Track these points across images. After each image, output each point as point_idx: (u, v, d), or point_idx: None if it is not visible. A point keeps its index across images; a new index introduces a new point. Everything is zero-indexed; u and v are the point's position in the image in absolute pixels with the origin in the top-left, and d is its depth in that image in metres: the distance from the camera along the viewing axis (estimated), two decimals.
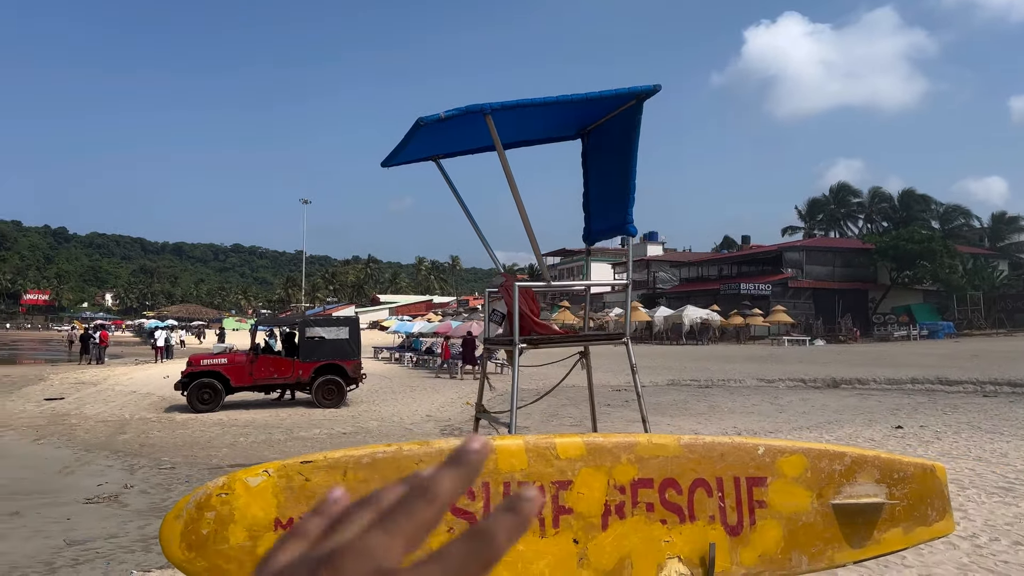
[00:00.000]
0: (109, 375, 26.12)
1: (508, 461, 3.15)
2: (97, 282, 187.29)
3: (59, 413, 16.60)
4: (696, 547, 3.30)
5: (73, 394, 20.22)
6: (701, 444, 3.44)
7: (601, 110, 3.86)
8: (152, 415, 16.32)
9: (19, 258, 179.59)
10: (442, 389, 22.06)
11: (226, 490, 2.88)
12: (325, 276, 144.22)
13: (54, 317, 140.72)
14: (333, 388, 17.36)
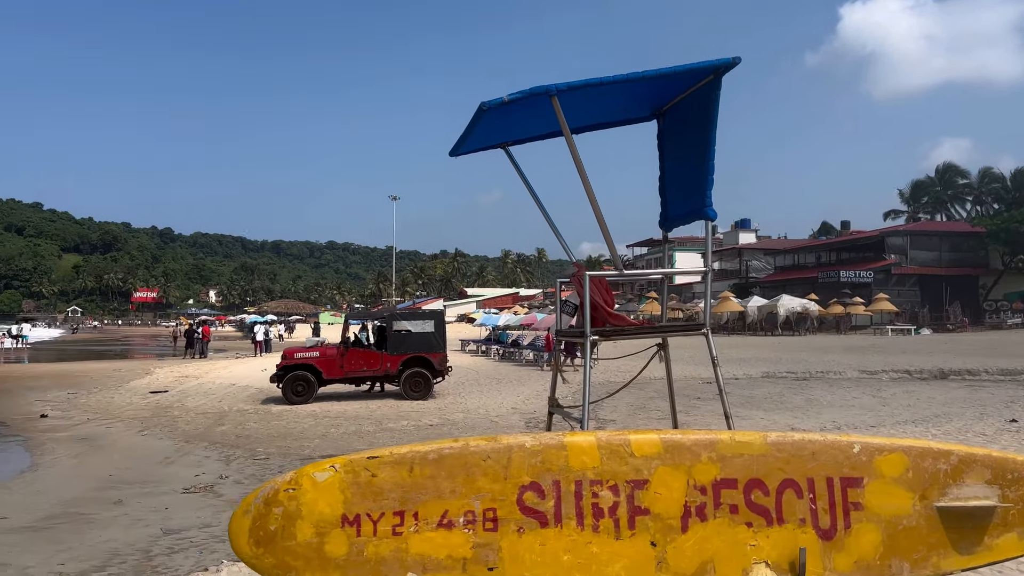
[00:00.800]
0: (210, 369, 27.26)
1: (579, 459, 3.01)
2: (201, 279, 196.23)
3: (163, 405, 17.38)
4: (785, 552, 3.08)
5: (176, 387, 21.17)
6: (790, 442, 3.21)
7: (677, 87, 3.66)
8: (249, 407, 16.88)
9: (129, 258, 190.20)
10: (528, 381, 22.02)
11: (293, 485, 2.85)
12: (414, 271, 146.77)
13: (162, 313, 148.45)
14: (420, 380, 17.55)
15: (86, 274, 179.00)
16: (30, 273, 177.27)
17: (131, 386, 21.72)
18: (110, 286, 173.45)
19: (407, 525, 2.86)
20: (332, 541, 2.81)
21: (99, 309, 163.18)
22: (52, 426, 14.59)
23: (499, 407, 16.82)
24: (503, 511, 2.92)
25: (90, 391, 20.52)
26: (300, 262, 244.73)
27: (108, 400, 18.62)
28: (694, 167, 3.62)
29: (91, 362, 34.33)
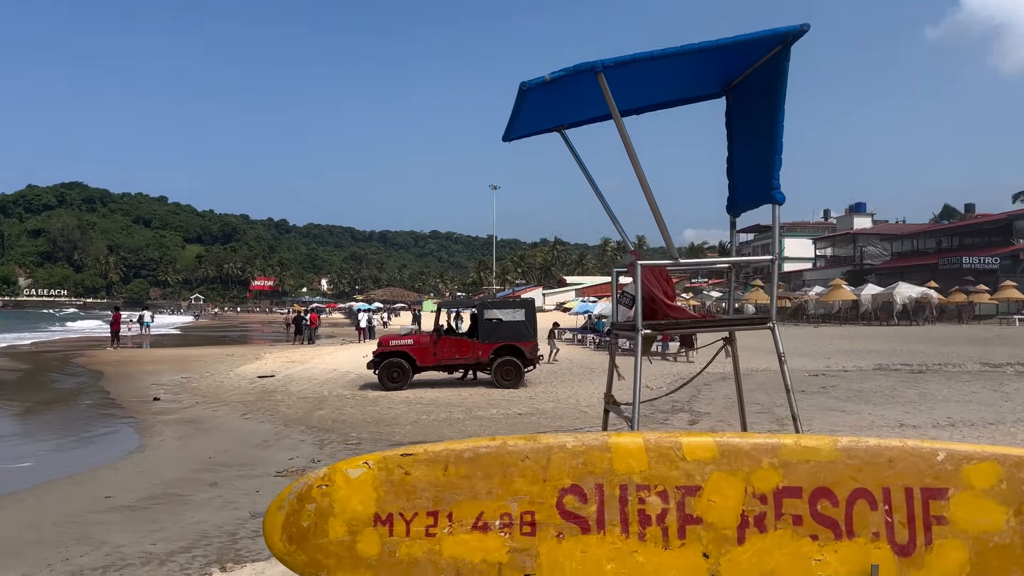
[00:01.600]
0: (316, 355, 28.19)
1: (625, 462, 2.82)
2: (314, 268, 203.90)
3: (267, 390, 18.05)
4: (855, 568, 2.80)
5: (282, 372, 21.98)
6: (863, 448, 2.92)
7: (745, 59, 3.37)
8: (348, 392, 17.31)
9: (247, 248, 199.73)
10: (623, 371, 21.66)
11: (327, 482, 2.79)
12: (514, 259, 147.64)
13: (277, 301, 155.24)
14: (511, 369, 17.55)
15: (208, 263, 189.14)
16: (156, 263, 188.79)
17: (241, 371, 22.68)
18: (229, 275, 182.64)
19: (441, 526, 2.75)
20: (364, 540, 2.74)
21: (219, 297, 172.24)
22: (163, 409, 15.39)
23: (590, 397, 16.61)
24: (542, 515, 2.77)
25: (202, 375, 21.56)
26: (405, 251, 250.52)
27: (218, 384, 19.51)
28: (762, 147, 3.34)
29: (208, 347, 36.18)
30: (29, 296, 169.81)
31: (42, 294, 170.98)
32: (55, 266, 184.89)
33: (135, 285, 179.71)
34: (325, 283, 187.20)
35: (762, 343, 21.30)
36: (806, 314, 56.90)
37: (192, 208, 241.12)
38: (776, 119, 3.29)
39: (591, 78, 3.14)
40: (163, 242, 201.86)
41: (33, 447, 11.92)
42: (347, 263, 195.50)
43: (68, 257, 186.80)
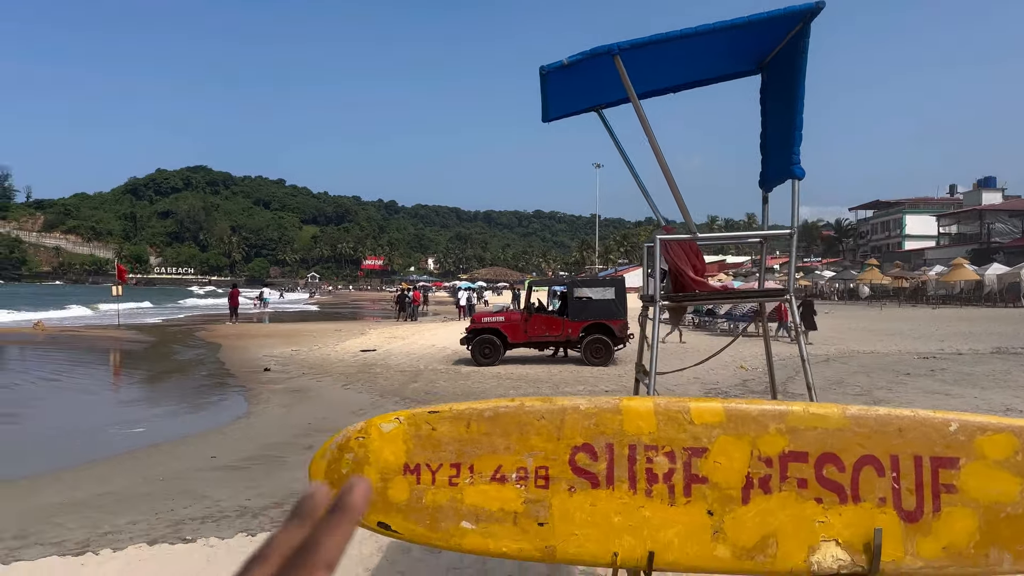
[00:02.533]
0: (417, 331, 29.14)
1: (635, 423, 3.00)
2: (421, 248, 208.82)
3: (368, 363, 18.90)
4: (859, 531, 2.89)
5: (384, 347, 22.89)
6: (873, 417, 2.98)
7: (773, 36, 3.42)
8: (442, 367, 17.92)
9: (359, 228, 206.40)
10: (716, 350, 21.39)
11: (363, 434, 3.10)
12: (617, 239, 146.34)
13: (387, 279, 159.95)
14: (600, 347, 17.70)
15: (322, 243, 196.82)
16: (275, 243, 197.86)
17: (345, 345, 23.77)
18: (342, 254, 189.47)
19: (463, 477, 3.01)
20: (395, 487, 3.04)
21: (333, 275, 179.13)
22: (272, 379, 16.40)
23: (679, 377, 16.56)
24: (555, 470, 2.99)
25: (310, 348, 22.74)
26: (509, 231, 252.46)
27: (324, 357, 20.56)
28: (786, 123, 3.39)
29: (319, 323, 37.94)
30: (159, 274, 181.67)
31: (171, 272, 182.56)
32: (182, 245, 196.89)
33: (256, 264, 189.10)
34: (432, 262, 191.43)
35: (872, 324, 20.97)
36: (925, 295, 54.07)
37: (308, 190, 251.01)
38: (797, 95, 3.34)
39: (630, 57, 3.27)
40: (281, 223, 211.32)
41: (152, 411, 13.02)
42: (452, 243, 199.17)
43: (194, 237, 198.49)
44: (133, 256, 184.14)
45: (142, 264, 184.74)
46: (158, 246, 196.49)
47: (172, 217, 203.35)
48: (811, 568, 2.90)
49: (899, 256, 77.34)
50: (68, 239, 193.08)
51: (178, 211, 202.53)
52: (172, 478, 8.21)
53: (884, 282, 52.64)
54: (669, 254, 3.71)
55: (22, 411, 12.89)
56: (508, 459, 3.01)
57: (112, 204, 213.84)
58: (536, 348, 18.68)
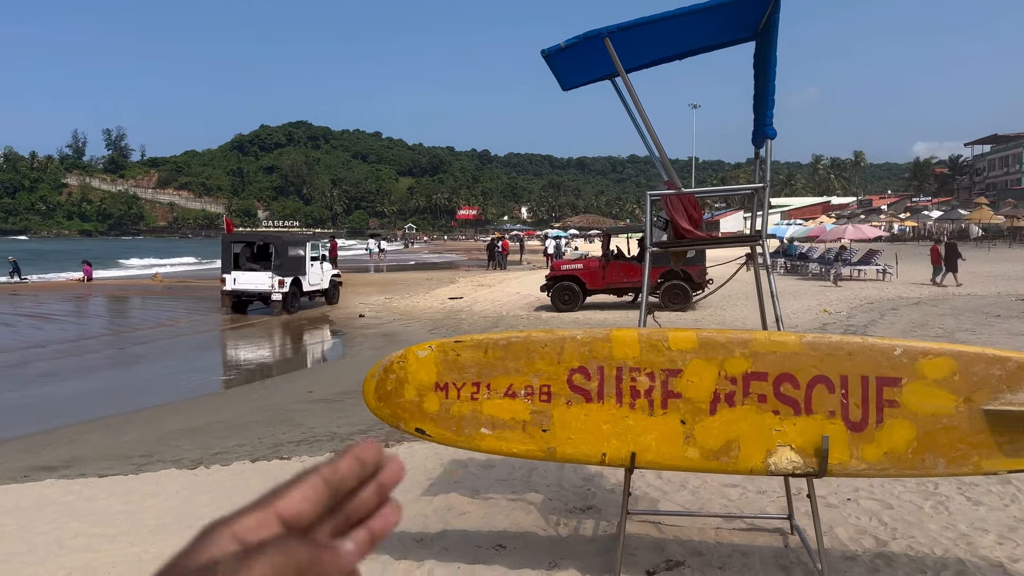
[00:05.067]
0: (504, 279, 30.01)
1: (622, 349, 3.60)
2: (514, 197, 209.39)
3: (455, 310, 19.88)
4: (811, 439, 3.43)
5: (470, 294, 23.86)
6: (826, 342, 3.49)
7: (762, 5, 3.82)
8: (523, 313, 18.69)
9: (453, 179, 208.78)
10: (802, 295, 21.35)
11: (403, 359, 3.83)
12: (715, 182, 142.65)
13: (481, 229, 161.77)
14: (679, 292, 18.01)
15: (418, 194, 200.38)
16: (374, 195, 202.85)
17: (435, 293, 24.88)
18: (438, 205, 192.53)
19: (482, 393, 3.70)
20: (428, 400, 3.76)
21: (429, 226, 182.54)
22: (366, 324, 17.59)
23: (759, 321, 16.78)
24: (556, 387, 3.64)
25: (402, 296, 23.95)
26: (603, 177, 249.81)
27: (414, 304, 21.69)
28: (764, 86, 3.82)
29: (413, 272, 39.44)
30: (267, 227, 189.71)
31: (277, 225, 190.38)
32: (287, 199, 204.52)
33: (356, 216, 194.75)
34: (525, 211, 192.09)
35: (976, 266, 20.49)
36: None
37: (403, 142, 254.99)
38: (770, 63, 3.74)
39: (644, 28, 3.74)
40: (379, 175, 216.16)
41: (259, 352, 14.36)
42: (545, 191, 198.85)
43: (298, 191, 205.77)
44: (241, 210, 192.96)
45: (251, 218, 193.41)
46: (264, 200, 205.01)
47: (276, 172, 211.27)
48: (769, 468, 3.47)
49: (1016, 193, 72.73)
50: (181, 195, 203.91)
51: (282, 166, 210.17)
52: (275, 409, 9.30)
53: (996, 221, 49.98)
54: (668, 207, 4.21)
55: (146, 352, 14.49)
56: (518, 379, 3.68)
57: (220, 160, 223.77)
58: (615, 295, 19.14)
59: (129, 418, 9.14)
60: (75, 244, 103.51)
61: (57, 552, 4.36)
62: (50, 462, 7.04)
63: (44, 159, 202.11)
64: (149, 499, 5.47)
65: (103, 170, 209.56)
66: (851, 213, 76.33)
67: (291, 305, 19.88)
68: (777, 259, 33.80)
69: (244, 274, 19.96)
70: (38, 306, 23.31)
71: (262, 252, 20.73)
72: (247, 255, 20.60)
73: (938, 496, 4.93)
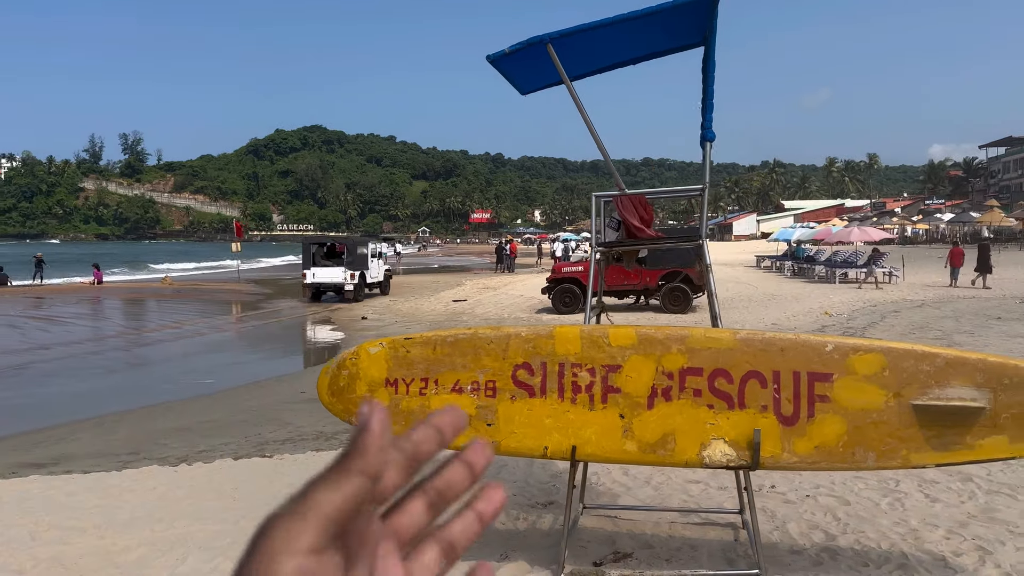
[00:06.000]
0: (510, 282, 30.13)
1: (564, 346, 3.70)
2: (527, 200, 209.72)
3: (457, 312, 20.01)
4: (744, 432, 3.51)
5: (474, 297, 23.98)
6: (760, 339, 3.57)
7: (703, 13, 3.91)
8: (524, 315, 18.79)
9: (466, 183, 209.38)
10: (805, 298, 21.34)
11: (355, 355, 3.94)
12: (727, 184, 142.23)
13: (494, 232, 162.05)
14: (679, 295, 18.06)
15: (432, 198, 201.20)
16: (388, 198, 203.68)
17: (440, 295, 25.02)
18: (451, 208, 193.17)
19: (430, 389, 3.82)
20: (378, 396, 3.87)
21: (442, 229, 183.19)
22: (367, 326, 17.75)
23: (758, 322, 16.81)
24: (500, 383, 3.74)
25: (407, 299, 24.11)
26: None
27: (417, 306, 21.84)
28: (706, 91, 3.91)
29: (421, 275, 39.62)
30: (282, 231, 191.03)
31: (292, 229, 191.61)
32: (302, 203, 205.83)
33: (370, 220, 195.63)
34: (538, 214, 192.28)
35: None
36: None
37: (417, 146, 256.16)
38: (710, 67, 3.83)
39: (597, 33, 3.82)
40: (393, 179, 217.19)
41: (256, 354, 14.55)
42: (559, 194, 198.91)
43: (312, 195, 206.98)
44: (256, 214, 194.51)
45: (266, 222, 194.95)
46: (279, 204, 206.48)
47: (291, 176, 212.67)
48: (703, 461, 3.56)
49: None
50: (196, 199, 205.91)
51: (297, 170, 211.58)
52: (264, 409, 9.46)
53: (1008, 224, 49.56)
54: (619, 208, 4.31)
55: (147, 353, 14.71)
56: (464, 375, 3.79)
57: (236, 164, 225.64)
58: (616, 297, 19.20)
59: (122, 417, 9.32)
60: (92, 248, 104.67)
61: (30, 544, 4.50)
62: (39, 459, 7.21)
63: (61, 163, 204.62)
64: (126, 494, 5.62)
65: (120, 174, 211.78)
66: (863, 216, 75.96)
67: (359, 294, 23.77)
68: (784, 262, 33.76)
69: (321, 269, 23.96)
70: (47, 308, 23.67)
71: (331, 251, 24.90)
72: (321, 254, 24.64)
73: (897, 493, 4.99)
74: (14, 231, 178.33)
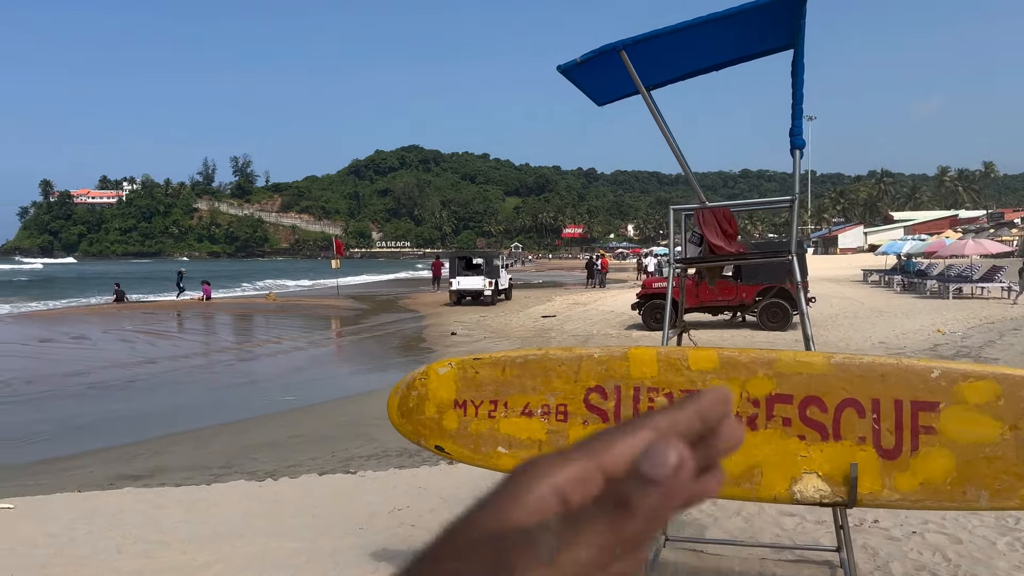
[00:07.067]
0: (600, 297, 29.77)
1: (639, 369, 3.49)
2: (620, 215, 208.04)
3: (545, 328, 19.87)
4: (839, 466, 3.21)
5: (564, 313, 23.79)
6: (857, 364, 3.27)
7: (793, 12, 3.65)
8: (615, 332, 18.47)
9: (559, 198, 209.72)
10: (915, 314, 20.17)
11: (424, 376, 3.85)
12: (832, 196, 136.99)
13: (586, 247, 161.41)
14: (778, 311, 17.36)
15: (524, 214, 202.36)
16: (481, 215, 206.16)
17: (530, 311, 24.94)
18: (543, 224, 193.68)
19: (499, 411, 3.68)
20: (447, 418, 3.76)
21: (535, 245, 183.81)
22: (456, 342, 17.83)
23: (865, 341, 15.99)
24: (572, 407, 3.57)
25: (496, 315, 24.14)
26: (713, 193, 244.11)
27: (506, 322, 21.82)
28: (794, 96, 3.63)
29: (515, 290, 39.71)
30: (380, 248, 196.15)
31: (390, 245, 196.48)
32: (399, 220, 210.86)
33: (464, 236, 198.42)
34: (631, 229, 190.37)
35: None
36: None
37: (510, 163, 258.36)
38: (799, 71, 3.56)
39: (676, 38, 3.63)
40: (486, 196, 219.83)
41: (349, 368, 14.81)
42: (653, 208, 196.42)
43: (409, 212, 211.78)
44: (357, 232, 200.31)
45: (365, 239, 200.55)
46: (378, 222, 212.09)
47: (389, 195, 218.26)
48: (794, 496, 3.27)
49: None
50: (302, 218, 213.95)
51: (394, 189, 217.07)
52: (353, 424, 9.55)
53: None
54: (700, 222, 4.07)
55: (247, 367, 15.19)
56: (534, 398, 3.63)
57: (338, 185, 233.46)
58: (710, 313, 18.64)
59: (218, 430, 9.60)
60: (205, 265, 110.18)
61: (115, 556, 4.61)
62: (137, 471, 7.48)
63: (177, 186, 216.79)
64: (213, 508, 5.71)
65: (231, 195, 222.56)
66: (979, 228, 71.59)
67: (494, 298, 28.63)
68: (893, 276, 32.08)
69: (464, 278, 29.13)
70: (157, 323, 24.89)
71: (469, 263, 30.64)
72: (462, 266, 29.99)
73: (1017, 532, 4.52)
74: (134, 249, 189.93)
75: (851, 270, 43.53)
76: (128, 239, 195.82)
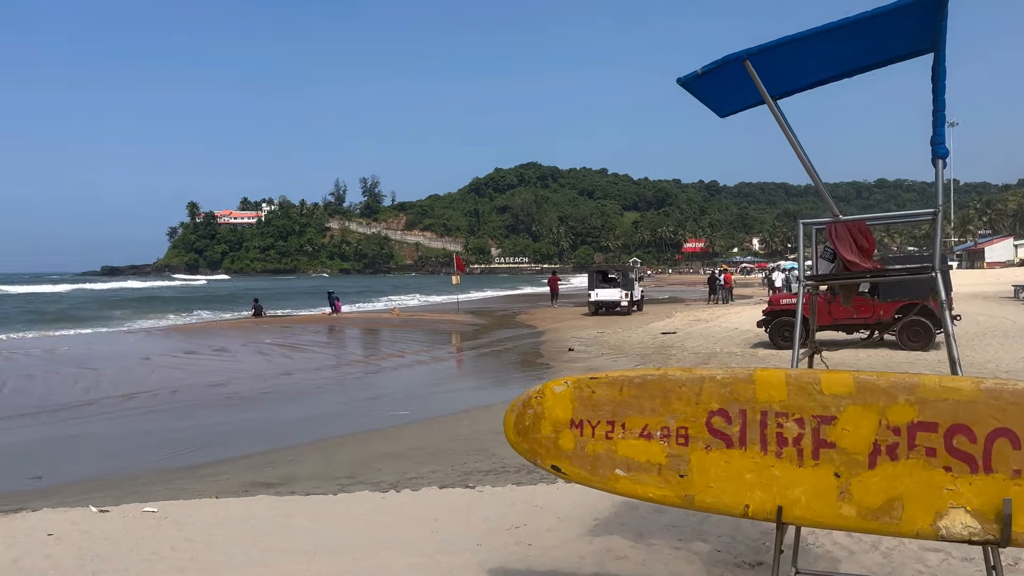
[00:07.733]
0: (723, 314, 28.92)
1: (767, 392, 3.32)
2: (744, 228, 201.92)
3: (665, 344, 19.47)
4: (990, 501, 2.96)
5: (685, 329, 23.25)
6: (1011, 390, 2.99)
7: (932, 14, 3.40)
8: (739, 350, 17.87)
9: (679, 212, 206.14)
10: None
11: (540, 395, 3.81)
12: (978, 206, 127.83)
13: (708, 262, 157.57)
14: (919, 330, 16.27)
15: (643, 228, 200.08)
16: (599, 230, 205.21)
17: (649, 327, 24.54)
18: (663, 238, 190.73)
19: (616, 432, 3.59)
20: (564, 437, 3.71)
21: (654, 259, 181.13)
22: (573, 358, 17.75)
23: (1016, 362, 14.75)
24: (693, 430, 3.43)
25: (614, 331, 23.89)
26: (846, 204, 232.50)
27: (625, 339, 21.55)
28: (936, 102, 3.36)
29: None
30: (499, 264, 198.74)
31: (509, 261, 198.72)
32: (517, 237, 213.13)
33: (581, 251, 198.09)
34: (756, 242, 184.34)
35: None
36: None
37: (629, 177, 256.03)
38: (939, 75, 3.29)
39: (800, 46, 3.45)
40: (604, 211, 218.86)
41: (469, 383, 15.01)
42: (780, 220, 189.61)
43: (527, 228, 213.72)
44: (476, 248, 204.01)
45: (485, 255, 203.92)
46: (497, 238, 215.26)
47: (508, 211, 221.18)
48: (939, 533, 3.02)
49: None
50: (425, 235, 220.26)
51: (513, 205, 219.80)
52: (473, 438, 9.64)
53: None
54: (832, 236, 3.84)
55: (373, 379, 15.70)
56: (653, 419, 3.52)
57: (459, 203, 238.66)
58: (845, 332, 17.70)
59: (344, 441, 9.92)
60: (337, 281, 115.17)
61: (243, 563, 4.82)
62: (269, 479, 7.82)
63: (311, 206, 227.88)
64: (337, 519, 5.89)
65: (359, 214, 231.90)
66: None
67: (630, 309, 31.16)
68: None
69: (602, 290, 31.75)
70: (292, 336, 26.14)
71: (606, 277, 33.25)
72: (600, 279, 32.65)
73: None
74: (272, 267, 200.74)
75: (999, 285, 40.35)
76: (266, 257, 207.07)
